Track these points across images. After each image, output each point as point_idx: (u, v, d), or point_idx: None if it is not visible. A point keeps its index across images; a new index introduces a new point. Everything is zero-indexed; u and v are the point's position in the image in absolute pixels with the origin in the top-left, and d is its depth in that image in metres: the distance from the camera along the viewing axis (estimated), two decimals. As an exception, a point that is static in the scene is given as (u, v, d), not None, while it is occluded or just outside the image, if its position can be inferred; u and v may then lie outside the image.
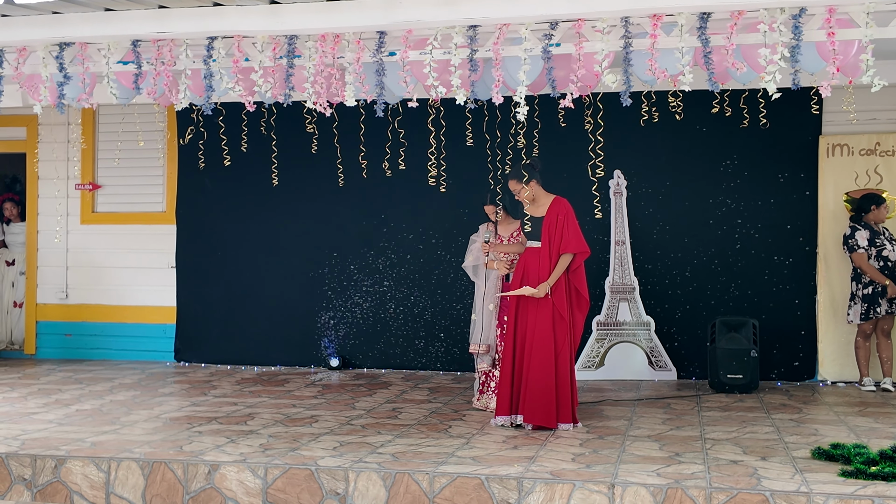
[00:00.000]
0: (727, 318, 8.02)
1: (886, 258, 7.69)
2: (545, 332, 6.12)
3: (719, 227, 8.49)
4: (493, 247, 6.67)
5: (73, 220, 9.86)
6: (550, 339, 6.11)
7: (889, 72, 5.38)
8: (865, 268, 7.68)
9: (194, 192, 9.49)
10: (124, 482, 5.26)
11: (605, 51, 5.02)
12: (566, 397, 6.16)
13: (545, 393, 6.08)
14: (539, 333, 6.12)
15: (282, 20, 5.38)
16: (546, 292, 6.12)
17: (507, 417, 6.22)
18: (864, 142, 8.19)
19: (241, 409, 6.93)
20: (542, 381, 6.07)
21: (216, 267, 9.45)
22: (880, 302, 7.67)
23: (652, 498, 4.70)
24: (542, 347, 6.11)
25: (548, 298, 6.14)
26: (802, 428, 6.24)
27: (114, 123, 9.42)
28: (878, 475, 4.82)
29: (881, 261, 7.69)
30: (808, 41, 4.84)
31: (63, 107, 5.94)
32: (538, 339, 6.12)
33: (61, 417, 6.55)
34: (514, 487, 4.86)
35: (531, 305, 6.18)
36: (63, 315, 9.86)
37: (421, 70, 5.31)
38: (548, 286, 6.13)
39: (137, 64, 5.70)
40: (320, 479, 5.08)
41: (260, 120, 8.58)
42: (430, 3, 5.15)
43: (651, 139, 8.37)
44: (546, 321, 6.13)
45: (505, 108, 8.09)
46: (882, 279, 7.62)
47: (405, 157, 7.87)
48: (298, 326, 9.24)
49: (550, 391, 6.08)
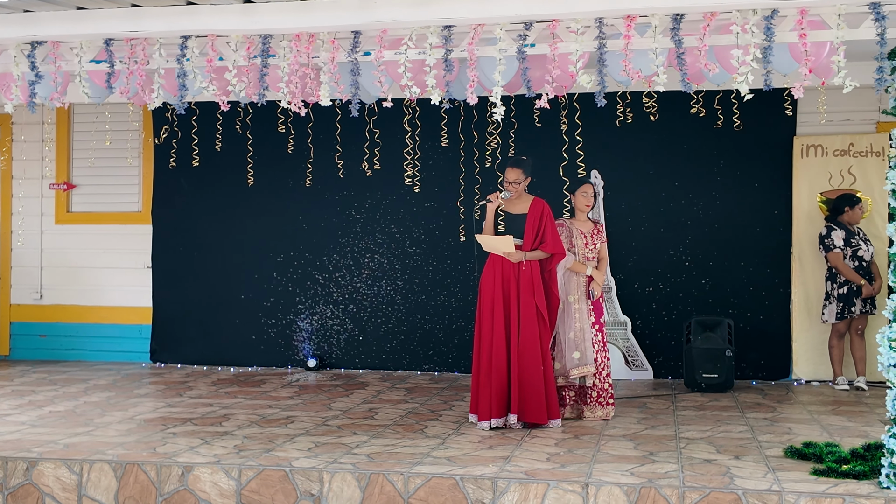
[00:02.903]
0: (703, 318, 8.06)
1: (861, 258, 7.76)
2: (532, 331, 6.17)
3: (695, 227, 8.53)
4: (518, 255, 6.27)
5: (48, 219, 9.77)
6: (537, 337, 6.18)
7: (860, 73, 5.40)
8: (841, 267, 7.75)
9: (170, 192, 9.43)
10: (97, 484, 5.22)
11: (579, 51, 5.03)
12: (553, 393, 6.26)
13: (537, 390, 6.13)
14: (527, 332, 6.17)
15: (256, 19, 5.35)
16: (520, 259, 6.21)
17: (502, 419, 6.18)
18: (838, 142, 8.26)
19: (217, 410, 6.90)
20: (534, 379, 6.13)
21: (192, 267, 9.40)
22: (855, 302, 7.73)
23: (625, 497, 4.72)
24: (531, 346, 6.16)
25: (532, 298, 6.18)
26: (776, 427, 6.28)
27: (89, 123, 9.36)
28: (849, 474, 4.85)
29: (856, 261, 7.76)
30: (780, 42, 4.87)
31: (34, 106, 5.88)
32: (527, 339, 6.16)
33: (34, 419, 6.49)
34: (489, 487, 4.86)
35: (519, 306, 6.20)
36: (37, 316, 9.78)
37: (396, 70, 5.30)
38: (524, 255, 6.22)
39: (110, 63, 5.65)
40: (295, 480, 5.06)
41: (235, 119, 8.56)
42: (405, 4, 5.14)
43: (627, 140, 8.40)
44: (532, 320, 6.18)
45: (481, 108, 8.15)
46: (857, 279, 7.69)
47: (381, 157, 7.87)
48: (275, 327, 9.21)
49: (541, 388, 6.15)
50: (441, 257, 8.92)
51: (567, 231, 6.64)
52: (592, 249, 6.68)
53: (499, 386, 6.16)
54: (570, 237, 6.63)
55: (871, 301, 7.76)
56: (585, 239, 6.67)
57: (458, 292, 8.85)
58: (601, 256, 6.75)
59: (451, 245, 8.84)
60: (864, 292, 7.68)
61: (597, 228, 6.75)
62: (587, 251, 6.65)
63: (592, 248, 6.68)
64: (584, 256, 6.64)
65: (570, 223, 6.71)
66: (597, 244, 6.70)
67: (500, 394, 6.16)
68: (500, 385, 6.16)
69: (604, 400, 6.59)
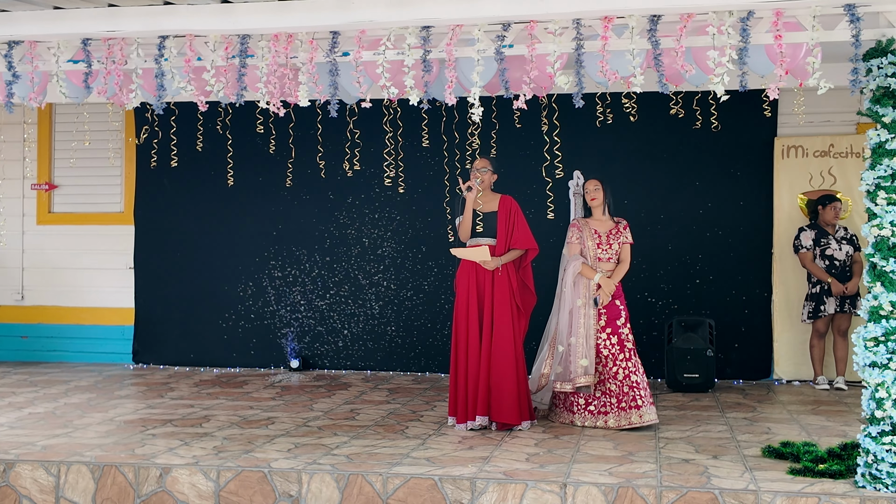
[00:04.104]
0: (684, 318, 8.09)
1: (831, 257, 7.82)
2: (506, 332, 6.16)
3: (676, 227, 8.56)
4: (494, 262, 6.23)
5: (30, 220, 9.74)
6: (511, 338, 6.17)
7: (836, 74, 5.43)
8: (809, 266, 7.84)
9: (152, 193, 9.41)
10: (74, 486, 5.20)
11: (557, 52, 5.03)
12: (524, 394, 6.22)
13: (510, 391, 6.11)
14: (501, 333, 6.16)
15: (234, 19, 5.33)
16: (496, 266, 6.20)
17: (479, 420, 6.14)
18: (819, 143, 8.30)
19: (198, 411, 6.87)
20: (508, 380, 6.11)
21: (175, 268, 9.37)
22: (826, 300, 7.80)
23: (603, 497, 4.73)
24: (504, 347, 6.14)
25: (507, 298, 6.18)
26: (755, 426, 6.31)
27: (70, 123, 9.32)
28: (825, 473, 4.88)
29: (826, 260, 7.83)
30: (756, 44, 4.89)
31: (12, 106, 5.85)
32: (501, 339, 6.15)
33: (13, 421, 6.46)
34: (468, 488, 4.87)
35: (493, 306, 6.19)
36: (19, 317, 9.73)
37: (374, 70, 5.30)
38: (499, 261, 6.21)
39: (88, 63, 5.63)
40: (273, 481, 5.05)
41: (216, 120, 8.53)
42: (384, 4, 5.14)
43: (607, 140, 8.43)
44: (506, 320, 6.17)
45: (461, 109, 8.12)
46: (825, 277, 7.77)
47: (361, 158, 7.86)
48: (258, 327, 9.20)
49: (514, 389, 6.12)
50: (423, 257, 8.92)
51: (578, 231, 6.45)
52: (607, 251, 6.41)
53: (474, 387, 6.16)
54: (581, 238, 6.44)
55: (850, 300, 7.80)
56: (599, 239, 6.41)
57: (441, 292, 8.86)
58: (622, 258, 6.45)
59: (434, 245, 8.84)
60: (834, 290, 7.74)
61: (617, 228, 6.48)
62: (599, 252, 6.40)
63: (607, 249, 6.41)
64: (596, 258, 6.42)
65: (584, 223, 6.50)
66: (611, 244, 6.41)
67: (475, 395, 6.16)
68: (473, 387, 6.16)
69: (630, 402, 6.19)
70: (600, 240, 6.44)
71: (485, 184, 6.34)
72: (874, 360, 4.66)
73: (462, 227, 6.33)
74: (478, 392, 6.14)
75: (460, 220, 6.34)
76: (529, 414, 6.26)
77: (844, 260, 7.82)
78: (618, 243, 6.46)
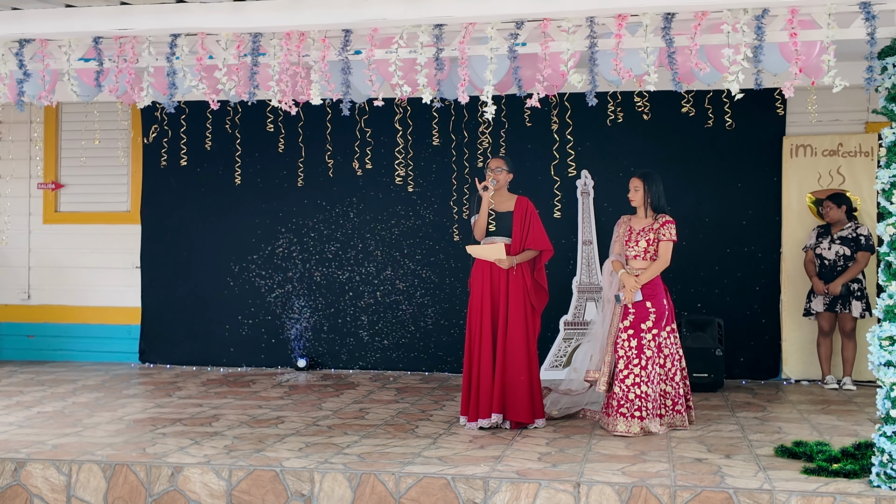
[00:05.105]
0: (693, 317, 8.08)
1: (822, 256, 7.86)
2: (520, 330, 6.16)
3: (685, 226, 8.48)
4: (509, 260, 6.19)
5: (36, 219, 9.72)
6: (524, 336, 6.17)
7: (850, 73, 5.40)
8: (804, 266, 8.02)
9: (159, 192, 9.39)
10: (86, 485, 5.19)
11: (570, 50, 5.02)
12: (537, 393, 6.23)
13: (524, 390, 6.12)
14: (515, 332, 6.16)
15: (246, 17, 5.32)
16: (511, 265, 6.20)
17: (491, 419, 6.12)
18: (827, 142, 8.28)
19: (206, 410, 6.86)
20: (520, 378, 6.11)
21: (182, 267, 9.36)
22: (812, 299, 7.91)
23: (617, 497, 4.71)
24: (518, 345, 6.15)
25: (522, 297, 6.18)
26: (766, 426, 6.29)
27: (77, 122, 9.32)
28: (839, 472, 4.86)
29: (818, 259, 7.89)
30: (770, 42, 4.87)
31: (23, 104, 5.83)
32: (515, 337, 6.15)
33: (22, 420, 6.44)
34: (481, 487, 4.85)
35: (507, 305, 6.19)
36: (25, 316, 9.72)
37: (386, 69, 5.28)
38: (514, 260, 6.21)
39: (99, 61, 5.61)
40: (285, 480, 5.04)
41: (225, 118, 8.53)
42: (396, 2, 5.12)
43: (618, 139, 8.41)
44: (520, 319, 6.17)
45: (472, 107, 8.13)
46: (810, 276, 7.90)
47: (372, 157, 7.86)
48: (265, 327, 9.18)
49: (527, 387, 6.13)
50: (432, 256, 8.91)
51: (618, 228, 6.37)
52: (633, 247, 6.19)
53: (486, 386, 6.15)
54: (619, 235, 6.33)
55: (842, 301, 7.74)
56: (629, 235, 6.24)
57: (449, 292, 8.84)
58: (660, 255, 6.17)
59: (443, 244, 8.83)
60: (815, 289, 7.83)
61: (651, 226, 6.21)
62: (628, 249, 6.23)
63: (633, 247, 6.19)
64: (624, 255, 6.30)
65: (626, 220, 6.38)
66: (638, 241, 6.19)
67: (487, 394, 6.15)
68: (487, 385, 6.15)
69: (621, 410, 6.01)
70: (629, 236, 6.28)
71: (500, 183, 6.33)
72: (889, 360, 4.64)
73: (477, 226, 6.32)
74: (492, 390, 6.13)
75: (476, 219, 6.32)
76: (542, 412, 6.26)
77: (834, 260, 7.79)
78: (645, 240, 6.19)
